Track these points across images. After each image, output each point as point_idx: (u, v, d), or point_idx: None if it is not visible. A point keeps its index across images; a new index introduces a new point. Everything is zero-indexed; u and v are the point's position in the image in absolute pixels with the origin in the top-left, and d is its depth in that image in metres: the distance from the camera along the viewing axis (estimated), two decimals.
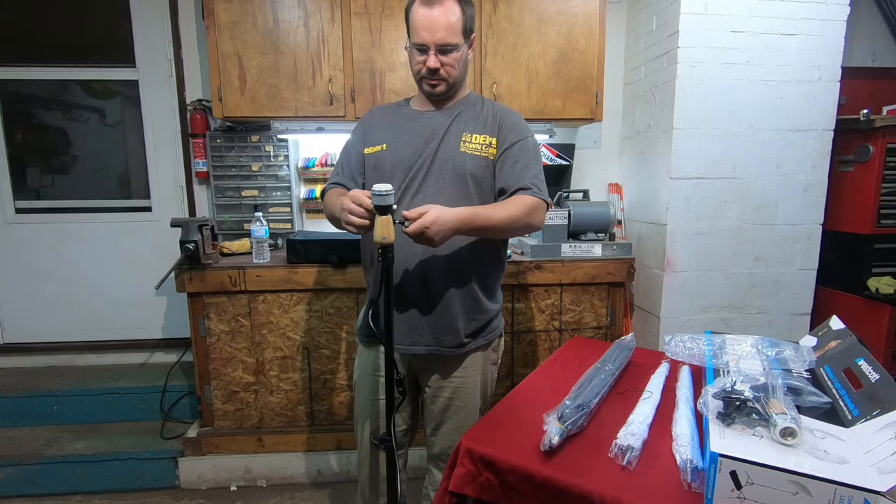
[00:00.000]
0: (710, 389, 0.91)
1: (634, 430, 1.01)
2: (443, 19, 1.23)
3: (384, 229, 1.08)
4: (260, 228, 2.11)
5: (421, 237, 1.13)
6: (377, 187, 1.07)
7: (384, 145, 1.36)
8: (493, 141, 1.34)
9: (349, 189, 1.34)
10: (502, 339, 1.50)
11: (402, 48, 2.19)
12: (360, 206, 1.12)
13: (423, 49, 1.26)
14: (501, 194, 1.33)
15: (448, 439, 1.43)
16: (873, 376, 0.93)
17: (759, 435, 0.82)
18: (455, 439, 1.42)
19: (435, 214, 1.13)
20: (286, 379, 2.16)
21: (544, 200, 1.32)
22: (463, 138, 1.33)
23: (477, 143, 1.33)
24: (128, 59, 2.53)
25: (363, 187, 1.37)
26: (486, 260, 1.37)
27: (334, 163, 2.53)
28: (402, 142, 1.35)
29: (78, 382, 2.48)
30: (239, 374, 2.14)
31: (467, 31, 1.28)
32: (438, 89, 1.31)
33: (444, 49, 1.26)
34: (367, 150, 1.38)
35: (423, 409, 1.47)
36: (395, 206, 1.10)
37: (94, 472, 2.16)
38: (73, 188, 2.68)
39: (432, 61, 1.26)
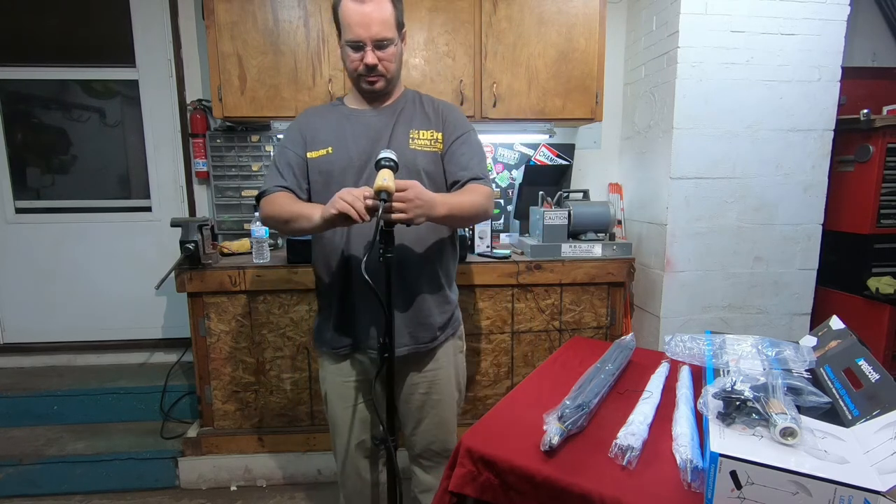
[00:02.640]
0: (710, 389, 0.91)
1: (634, 429, 1.01)
2: (376, 14, 1.21)
3: (385, 180, 1.04)
4: (260, 228, 2.11)
5: (410, 208, 1.09)
6: (386, 153, 1.08)
7: (329, 149, 1.31)
8: (440, 136, 1.35)
9: (298, 195, 1.32)
10: (462, 326, 1.51)
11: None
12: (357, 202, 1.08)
13: (358, 46, 1.23)
14: (454, 185, 1.35)
15: (429, 436, 1.43)
16: (873, 376, 0.93)
17: (760, 435, 0.82)
18: (437, 435, 1.43)
19: (420, 188, 1.13)
20: (286, 379, 2.16)
21: (493, 191, 1.39)
22: (411, 135, 1.32)
23: (425, 139, 1.33)
24: (128, 59, 2.53)
25: (308, 193, 1.35)
26: (446, 251, 1.39)
27: None
28: (348, 144, 1.31)
29: (78, 382, 2.48)
30: (239, 374, 2.14)
31: (399, 25, 1.29)
32: (378, 86, 1.30)
33: (380, 44, 1.24)
34: (310, 155, 1.33)
35: (400, 409, 1.44)
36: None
37: (94, 472, 2.16)
38: (74, 188, 2.68)
39: (370, 58, 1.24)
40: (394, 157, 1.09)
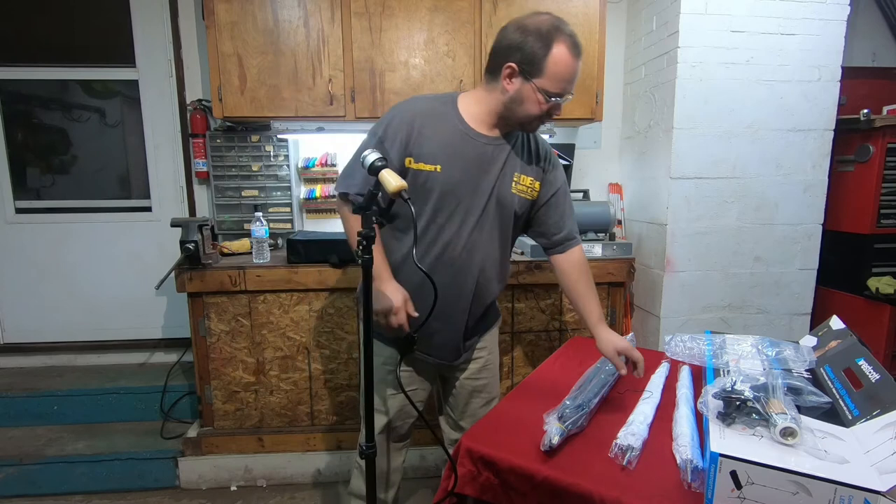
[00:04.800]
0: (710, 389, 0.91)
1: (634, 429, 1.01)
2: (580, 70, 1.19)
3: (396, 180, 1.02)
4: (260, 228, 2.11)
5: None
6: (374, 154, 1.05)
7: (438, 167, 1.23)
8: (538, 185, 1.36)
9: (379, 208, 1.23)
10: None
11: (402, 48, 2.19)
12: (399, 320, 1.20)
13: (555, 97, 1.18)
14: (552, 239, 1.40)
15: (480, 414, 1.47)
16: (873, 376, 0.93)
17: (760, 435, 0.82)
18: (483, 414, 1.46)
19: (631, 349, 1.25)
20: (286, 379, 2.16)
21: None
22: (514, 178, 1.31)
23: (525, 185, 1.33)
24: (128, 59, 2.53)
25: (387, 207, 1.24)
26: (508, 260, 1.46)
27: (334, 163, 2.57)
28: (459, 167, 1.24)
29: (78, 382, 2.48)
30: (239, 374, 2.14)
31: None
32: (538, 128, 1.31)
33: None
34: (413, 165, 1.23)
35: (448, 393, 1.52)
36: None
37: (94, 472, 2.16)
38: (74, 188, 2.68)
39: (559, 110, 1.22)
40: (383, 155, 1.08)
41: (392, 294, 1.23)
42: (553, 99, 1.18)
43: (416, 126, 1.24)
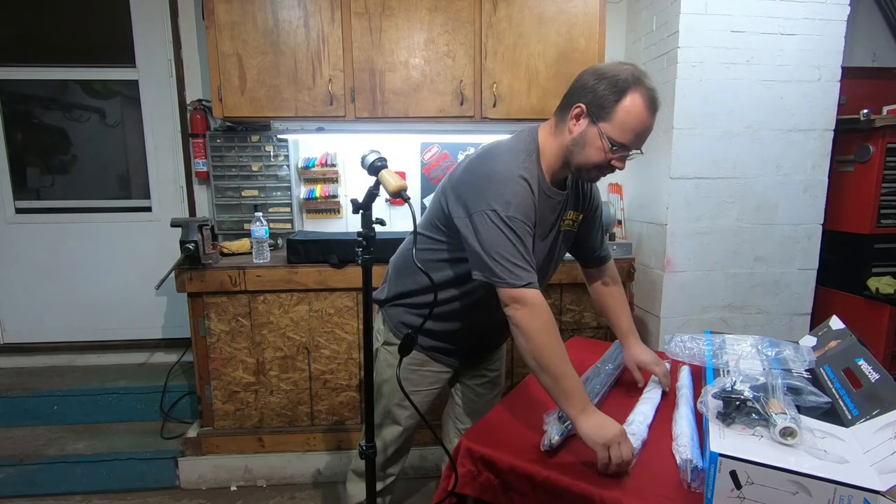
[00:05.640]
0: (710, 389, 0.91)
1: (634, 429, 1.01)
2: (651, 128, 1.12)
3: (396, 179, 1.03)
4: (260, 228, 2.11)
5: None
6: (374, 153, 1.05)
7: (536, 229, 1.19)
8: (580, 217, 1.33)
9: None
10: None
11: (402, 48, 2.19)
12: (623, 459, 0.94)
13: (621, 148, 1.10)
14: (586, 255, 1.42)
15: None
16: (873, 376, 0.93)
17: (759, 435, 0.82)
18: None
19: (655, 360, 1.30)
20: (286, 379, 2.16)
21: None
22: (567, 216, 1.29)
23: (570, 219, 1.31)
24: (128, 59, 2.53)
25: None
26: None
27: (334, 163, 2.56)
28: (543, 226, 1.22)
29: (78, 382, 2.48)
30: (239, 374, 2.14)
31: None
32: (597, 180, 1.24)
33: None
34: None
35: (456, 399, 1.55)
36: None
37: (94, 472, 2.16)
38: (74, 188, 2.68)
39: (623, 164, 1.13)
40: (383, 155, 1.07)
41: (609, 422, 0.97)
42: (617, 149, 1.10)
43: (532, 197, 1.13)
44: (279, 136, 2.47)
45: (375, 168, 1.05)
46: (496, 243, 1.06)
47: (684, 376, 1.25)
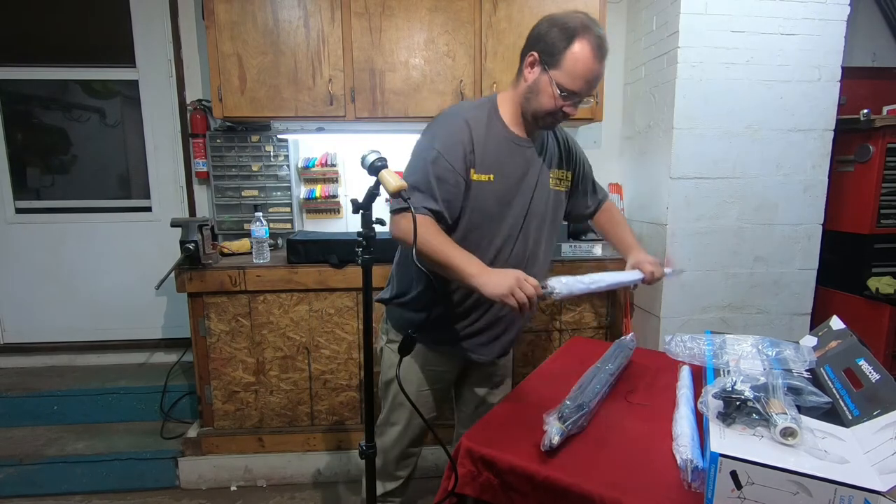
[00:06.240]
0: (710, 389, 0.91)
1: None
2: (601, 75, 1.16)
3: (396, 179, 1.01)
4: (260, 228, 2.11)
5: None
6: (374, 153, 1.03)
7: (491, 176, 1.21)
8: (570, 175, 1.37)
9: (445, 222, 1.19)
10: None
11: (402, 48, 2.19)
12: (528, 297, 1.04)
13: (571, 95, 1.16)
14: (584, 212, 1.48)
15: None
16: (874, 376, 0.93)
17: (760, 435, 0.82)
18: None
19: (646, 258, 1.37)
20: (286, 379, 2.16)
21: None
22: (551, 174, 1.31)
23: (558, 178, 1.33)
24: (128, 59, 2.53)
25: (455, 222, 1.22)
26: None
27: (334, 163, 2.56)
28: (508, 175, 1.23)
29: (78, 382, 2.48)
30: (239, 374, 2.14)
31: None
32: (552, 126, 1.28)
33: (583, 100, 1.20)
34: (474, 176, 1.20)
35: (462, 405, 1.58)
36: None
37: (94, 472, 2.16)
38: (74, 188, 2.68)
39: (573, 109, 1.18)
40: (383, 155, 1.07)
41: (503, 273, 1.08)
42: (566, 95, 1.15)
43: (473, 139, 1.19)
44: (279, 136, 2.46)
45: (375, 168, 1.05)
46: (411, 168, 1.22)
47: (684, 376, 1.24)
